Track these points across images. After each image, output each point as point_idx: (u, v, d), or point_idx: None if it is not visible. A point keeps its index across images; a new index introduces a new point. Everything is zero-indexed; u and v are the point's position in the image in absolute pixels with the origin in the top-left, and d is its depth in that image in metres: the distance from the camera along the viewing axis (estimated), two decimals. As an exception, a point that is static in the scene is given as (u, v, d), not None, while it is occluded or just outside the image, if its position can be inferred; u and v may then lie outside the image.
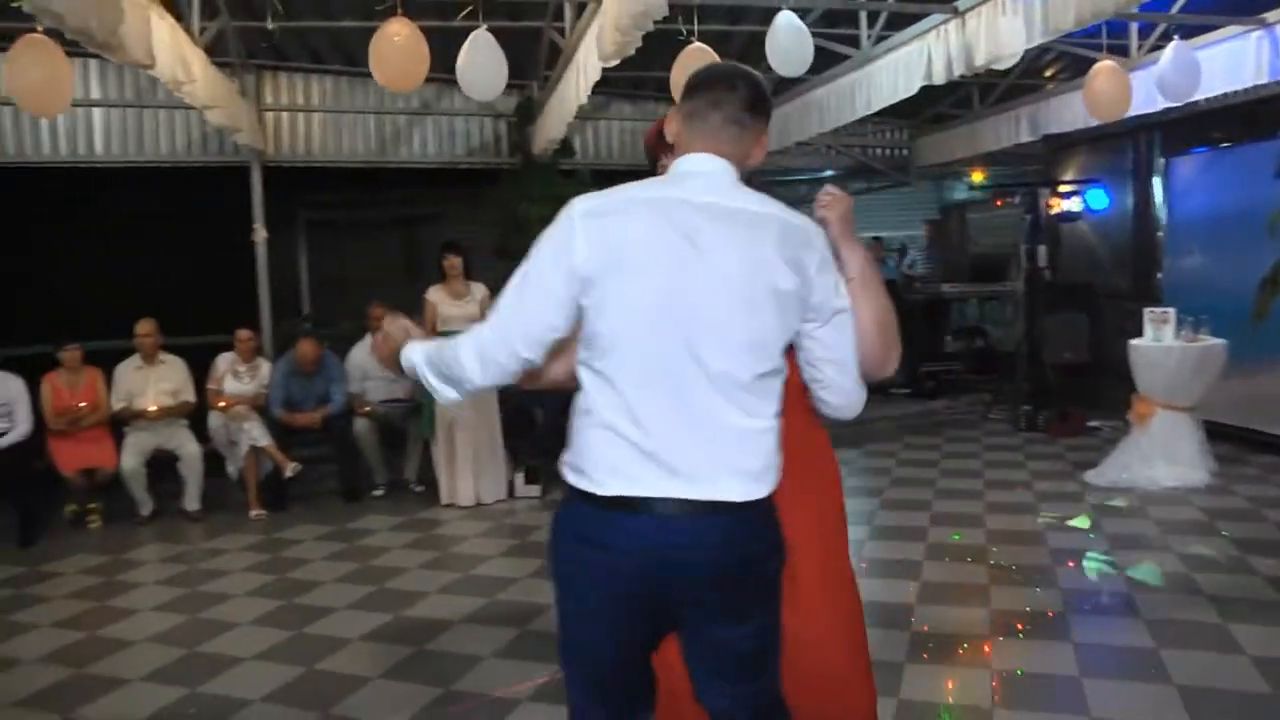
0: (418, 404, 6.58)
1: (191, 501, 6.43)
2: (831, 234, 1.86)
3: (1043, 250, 8.70)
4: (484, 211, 8.85)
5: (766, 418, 1.74)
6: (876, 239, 10.87)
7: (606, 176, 9.21)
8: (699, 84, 1.83)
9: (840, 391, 1.85)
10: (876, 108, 5.88)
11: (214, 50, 6.32)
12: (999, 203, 9.57)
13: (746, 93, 1.80)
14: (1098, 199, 8.26)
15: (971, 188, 10.79)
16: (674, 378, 1.69)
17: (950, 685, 3.43)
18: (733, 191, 1.77)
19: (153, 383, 6.48)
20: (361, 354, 7.05)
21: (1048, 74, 8.58)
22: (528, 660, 3.80)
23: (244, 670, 3.88)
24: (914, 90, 5.30)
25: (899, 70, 5.44)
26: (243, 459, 6.44)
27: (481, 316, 2.67)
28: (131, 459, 6.26)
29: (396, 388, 6.90)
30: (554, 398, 6.57)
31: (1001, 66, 4.72)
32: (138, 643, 4.24)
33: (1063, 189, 8.25)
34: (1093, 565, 4.66)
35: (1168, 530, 5.14)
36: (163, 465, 6.45)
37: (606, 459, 1.70)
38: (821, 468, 2.17)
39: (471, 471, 6.42)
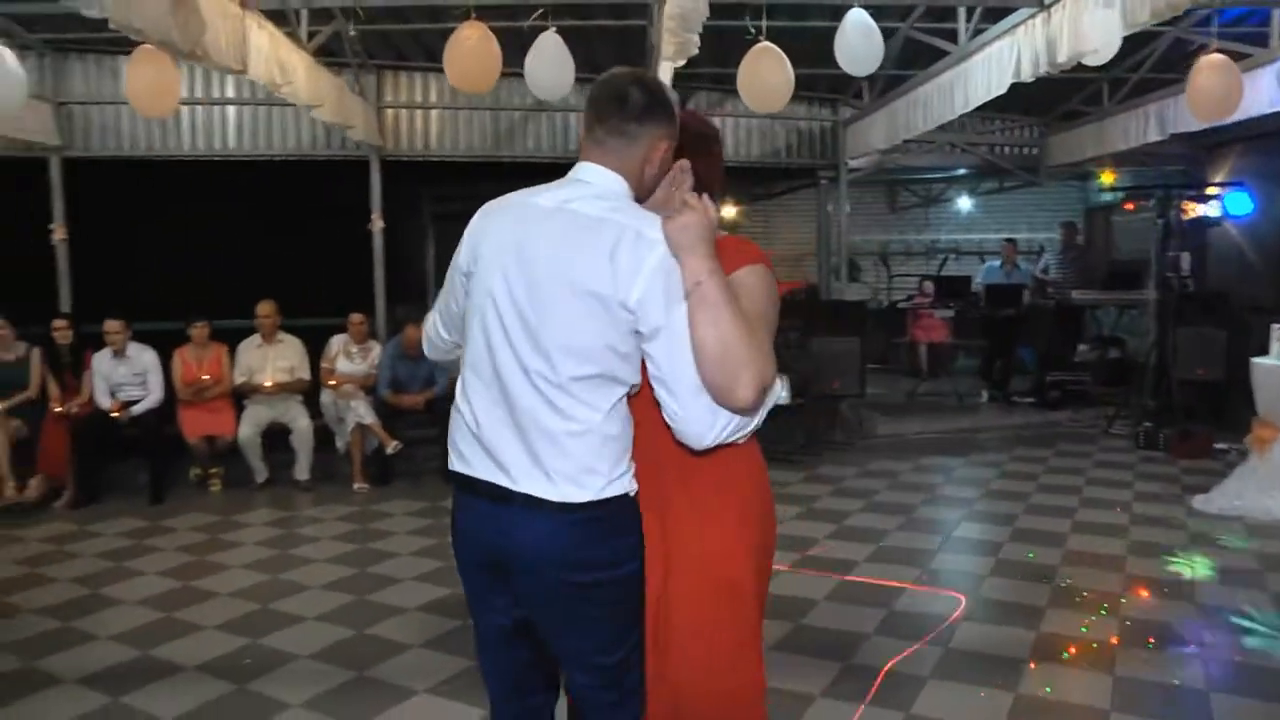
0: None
1: (301, 472, 6.90)
2: (671, 245, 1.71)
3: (1186, 258, 8.14)
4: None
5: (582, 421, 1.74)
6: (1010, 241, 10.41)
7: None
8: (590, 96, 1.85)
9: (671, 414, 1.73)
10: (974, 104, 5.66)
11: (331, 53, 6.78)
12: (1129, 206, 8.98)
13: (635, 102, 1.79)
14: (1239, 203, 7.63)
15: (1101, 189, 10.18)
16: (500, 372, 1.78)
17: (965, 707, 3.33)
18: (593, 200, 1.78)
19: (271, 360, 7.00)
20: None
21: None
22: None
23: (302, 628, 4.18)
24: (1004, 88, 5.08)
25: (992, 67, 5.23)
26: (349, 435, 6.87)
27: None
28: (248, 429, 6.79)
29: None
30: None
31: (1092, 63, 4.47)
32: (220, 595, 4.64)
33: (1200, 192, 7.66)
34: (1169, 597, 4.36)
35: (1269, 566, 4.75)
36: (277, 437, 6.95)
37: (454, 438, 1.88)
38: (731, 499, 1.91)
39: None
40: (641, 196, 1.86)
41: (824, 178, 9.55)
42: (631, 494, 1.81)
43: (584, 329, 1.71)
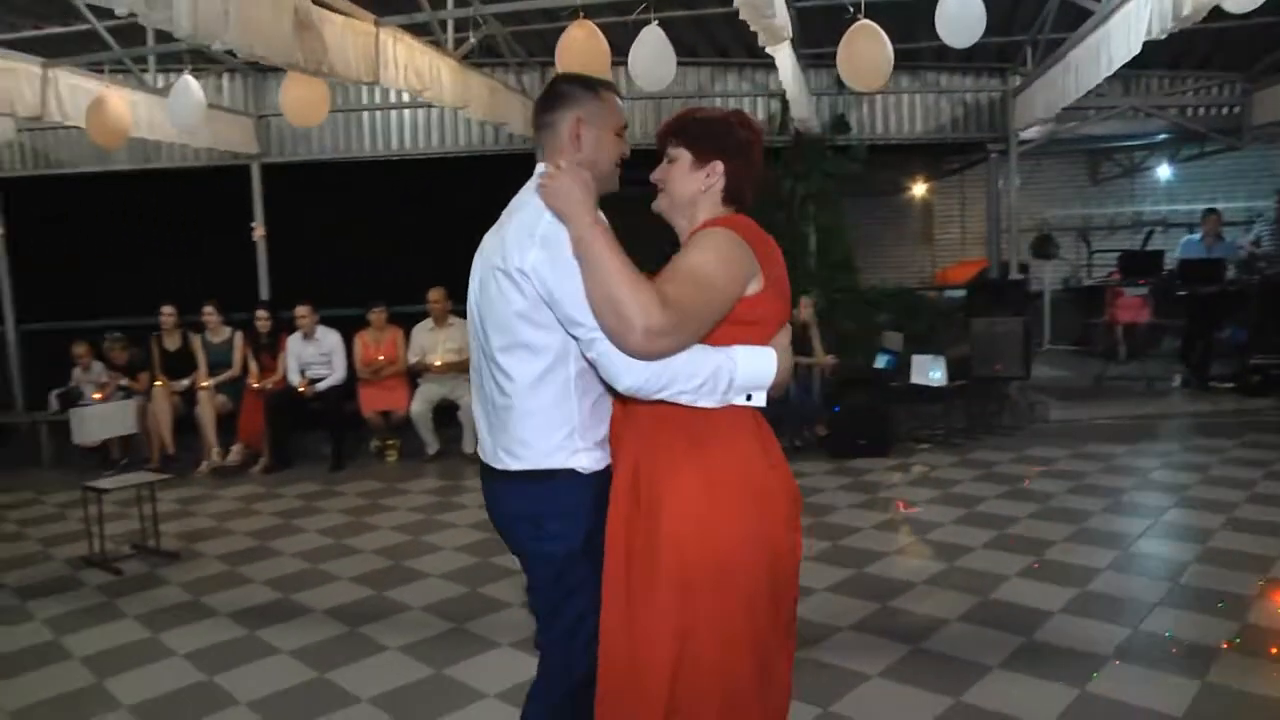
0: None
1: (468, 445, 7.46)
2: (554, 211, 1.83)
3: None
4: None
5: (508, 394, 1.91)
6: (1211, 211, 9.47)
7: (883, 149, 9.04)
8: None
9: (595, 365, 1.85)
10: (1116, 66, 5.27)
11: (493, 52, 7.25)
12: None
13: (549, 94, 2.00)
14: None
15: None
16: (476, 357, 2.06)
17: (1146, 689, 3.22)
18: (528, 189, 1.97)
19: (441, 342, 7.62)
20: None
21: None
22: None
23: (423, 584, 4.62)
24: (1137, 49, 4.71)
25: (1129, 25, 4.86)
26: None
27: None
28: (419, 405, 7.44)
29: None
30: (805, 370, 6.75)
31: (1234, 9, 4.07)
32: (364, 552, 5.18)
33: None
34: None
35: None
36: (448, 412, 7.57)
37: None
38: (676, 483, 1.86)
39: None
40: (597, 183, 1.91)
41: (994, 151, 9.09)
42: (582, 472, 1.90)
43: (498, 301, 1.90)
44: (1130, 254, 9.96)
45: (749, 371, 1.84)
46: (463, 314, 7.63)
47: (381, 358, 7.55)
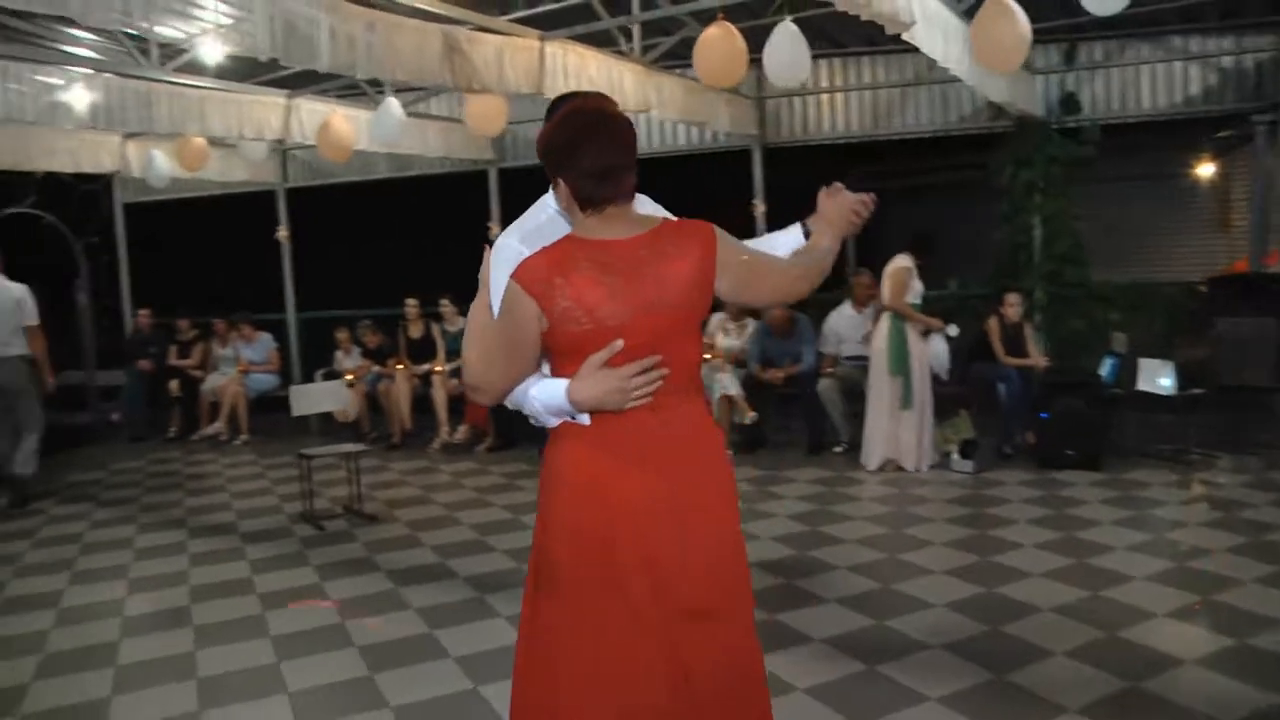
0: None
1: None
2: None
3: None
4: (981, 177, 8.58)
5: None
6: None
7: (1117, 131, 8.10)
8: None
9: None
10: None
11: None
12: None
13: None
14: None
15: None
16: None
17: None
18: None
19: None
20: (838, 319, 7.61)
21: None
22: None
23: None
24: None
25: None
26: (715, 404, 7.58)
27: None
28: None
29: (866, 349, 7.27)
30: (1018, 372, 6.42)
31: None
32: (530, 528, 5.64)
33: None
34: None
35: None
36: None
37: None
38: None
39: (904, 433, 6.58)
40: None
41: (1260, 124, 7.83)
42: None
43: None
44: None
45: (544, 399, 2.01)
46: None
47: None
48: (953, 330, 6.78)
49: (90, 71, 5.99)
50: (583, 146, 1.95)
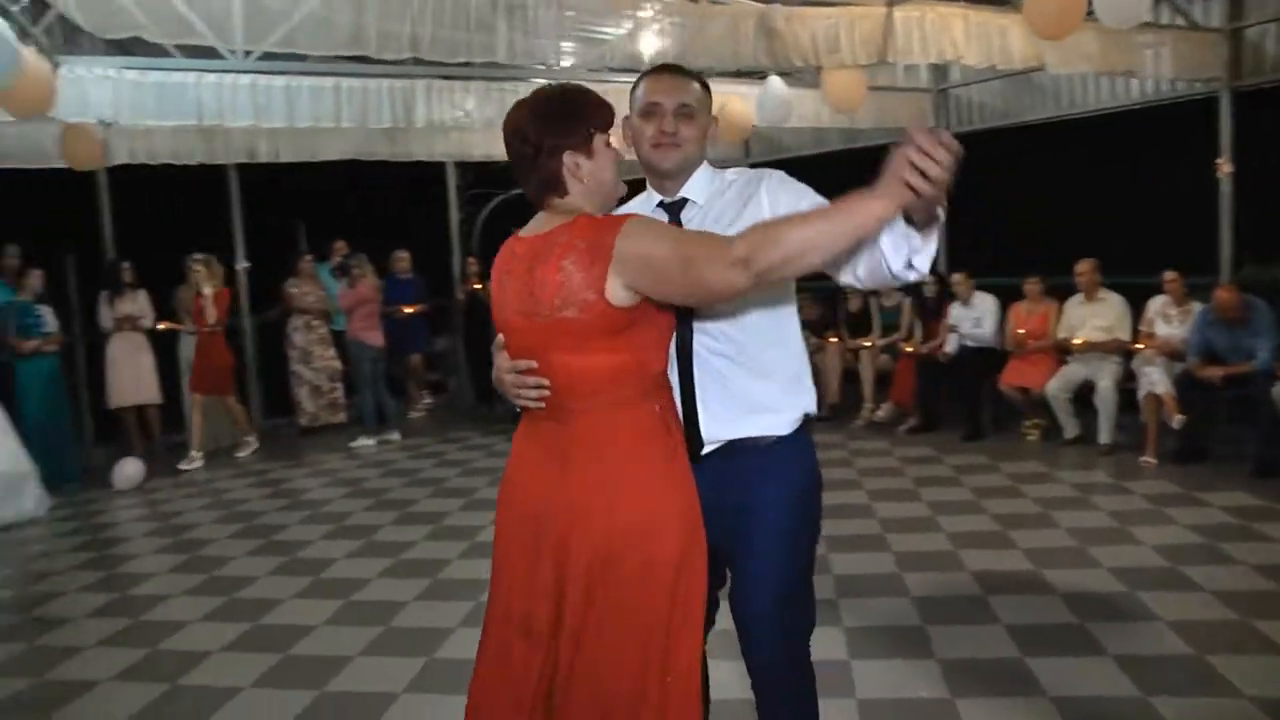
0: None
1: (1102, 434, 6.71)
2: None
3: None
4: None
5: None
6: None
7: None
8: None
9: None
10: None
11: None
12: None
13: None
14: None
15: None
16: None
17: None
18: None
19: (1089, 318, 6.97)
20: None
21: None
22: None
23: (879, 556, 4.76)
24: None
25: None
26: (1141, 402, 6.43)
27: None
28: (1055, 383, 6.94)
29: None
30: None
31: None
32: (884, 518, 5.45)
33: None
34: None
35: None
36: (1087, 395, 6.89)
37: None
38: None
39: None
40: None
41: None
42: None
43: None
44: None
45: None
46: (1117, 287, 6.75)
47: (1022, 331, 7.25)
48: None
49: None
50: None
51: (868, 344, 8.24)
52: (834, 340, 8.46)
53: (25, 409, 6.89)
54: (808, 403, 2.23)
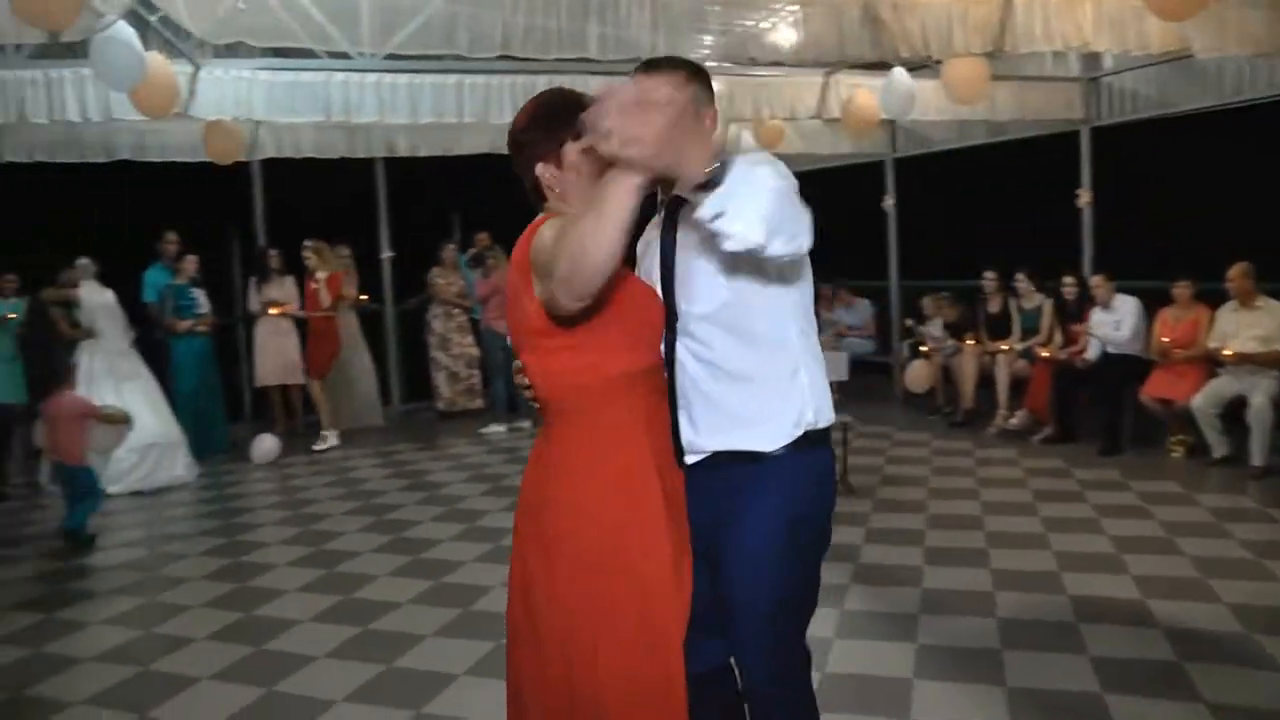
0: None
1: (1255, 455, 6.12)
2: None
3: None
4: None
5: None
6: None
7: None
8: None
9: None
10: None
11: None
12: None
13: None
14: None
15: None
16: None
17: None
18: None
19: (1244, 328, 6.38)
20: None
21: None
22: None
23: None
24: None
25: None
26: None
27: None
28: (1202, 397, 6.39)
29: None
30: None
31: None
32: (990, 529, 5.19)
33: None
34: None
35: None
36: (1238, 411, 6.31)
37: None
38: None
39: None
40: None
41: None
42: None
43: None
44: None
45: None
46: (1277, 294, 6.21)
47: (1165, 339, 6.70)
48: None
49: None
50: None
51: (1005, 347, 7.83)
52: (971, 342, 8.08)
53: (178, 384, 7.51)
54: (801, 411, 1.98)
